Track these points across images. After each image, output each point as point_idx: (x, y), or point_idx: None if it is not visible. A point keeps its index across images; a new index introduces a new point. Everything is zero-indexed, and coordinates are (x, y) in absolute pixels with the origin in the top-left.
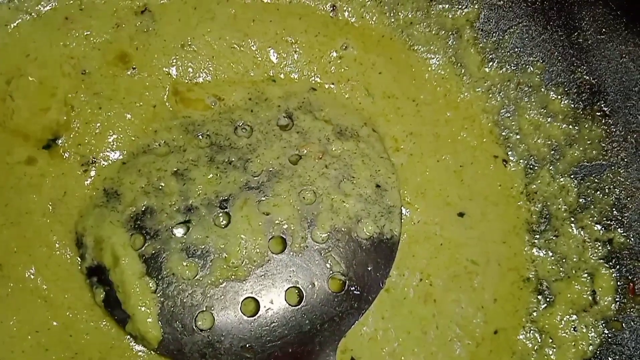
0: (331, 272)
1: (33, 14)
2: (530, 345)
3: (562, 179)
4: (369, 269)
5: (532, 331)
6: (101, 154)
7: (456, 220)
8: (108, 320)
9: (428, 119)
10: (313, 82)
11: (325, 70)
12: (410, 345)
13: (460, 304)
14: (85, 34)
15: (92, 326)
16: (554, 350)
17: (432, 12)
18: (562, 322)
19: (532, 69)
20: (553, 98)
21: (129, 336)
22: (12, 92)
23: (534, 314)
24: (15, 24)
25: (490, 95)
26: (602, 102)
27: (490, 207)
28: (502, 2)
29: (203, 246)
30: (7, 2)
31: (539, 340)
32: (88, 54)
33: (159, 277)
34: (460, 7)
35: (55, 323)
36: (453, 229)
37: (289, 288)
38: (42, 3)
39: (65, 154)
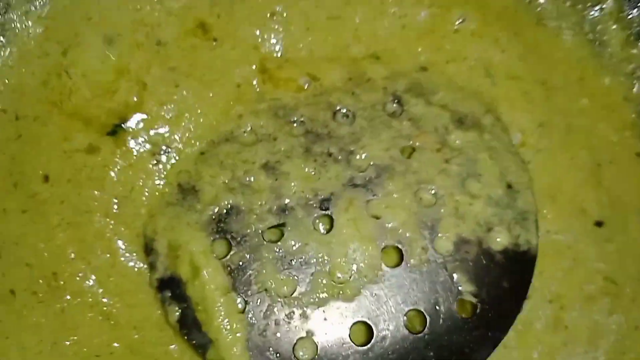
0: (459, 292)
1: None
2: None
3: None
4: (504, 288)
5: None
6: (176, 142)
7: (593, 231)
8: (183, 344)
9: (560, 107)
10: (424, 60)
11: (439, 46)
12: None
13: (597, 332)
14: None
15: (161, 350)
16: None
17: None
18: None
19: None
20: None
21: None
22: (69, 67)
23: None
24: None
25: (635, 81)
26: None
27: (633, 216)
28: None
29: (301, 256)
30: None
31: None
32: (163, 21)
33: (248, 293)
34: None
35: (117, 345)
36: (589, 242)
37: (408, 311)
38: None
39: (134, 142)
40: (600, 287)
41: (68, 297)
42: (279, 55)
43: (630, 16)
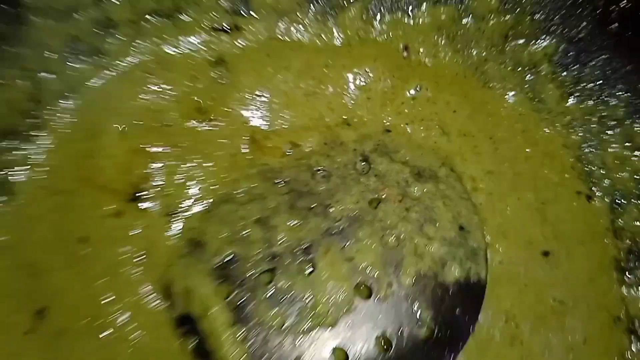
0: (419, 318)
1: (114, 70)
2: None
3: None
4: (457, 313)
5: None
6: (184, 205)
7: (540, 260)
8: None
9: (506, 157)
10: (387, 123)
11: (399, 111)
12: None
13: (549, 345)
14: (164, 87)
15: None
16: None
17: (507, 48)
18: None
19: (615, 101)
20: (637, 130)
21: None
22: (95, 150)
23: (627, 354)
24: (98, 82)
25: (571, 130)
26: None
27: (575, 246)
28: (582, 35)
29: (289, 294)
30: (90, 61)
31: None
32: (167, 107)
33: (248, 326)
34: (537, 42)
35: None
36: (537, 269)
37: (377, 336)
38: (122, 59)
39: (150, 206)
40: (550, 307)
41: (108, 332)
42: (265, 128)
43: (562, 77)
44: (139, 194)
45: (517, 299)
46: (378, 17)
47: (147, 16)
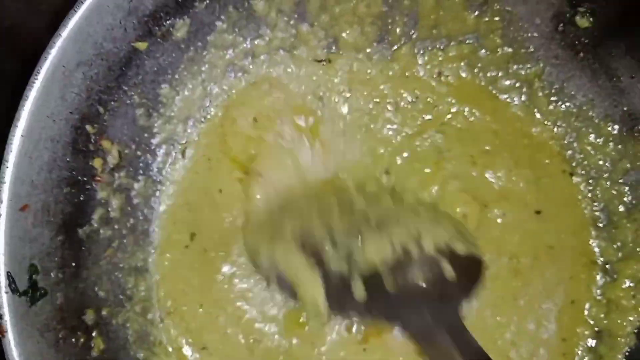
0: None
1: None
2: (600, 312)
3: (616, 186)
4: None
5: (600, 301)
6: None
7: (534, 216)
8: None
9: (509, 146)
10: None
11: None
12: (506, 309)
13: (544, 277)
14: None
15: None
16: (619, 314)
17: (510, 70)
18: (623, 292)
19: (586, 107)
20: (603, 126)
21: None
22: (234, 132)
23: (601, 288)
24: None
25: (557, 126)
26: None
27: (561, 207)
28: (559, 61)
29: None
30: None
31: (606, 308)
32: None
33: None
34: (530, 65)
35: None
36: (532, 223)
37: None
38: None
39: None
40: (543, 250)
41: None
42: None
43: (547, 91)
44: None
45: (518, 244)
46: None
47: None
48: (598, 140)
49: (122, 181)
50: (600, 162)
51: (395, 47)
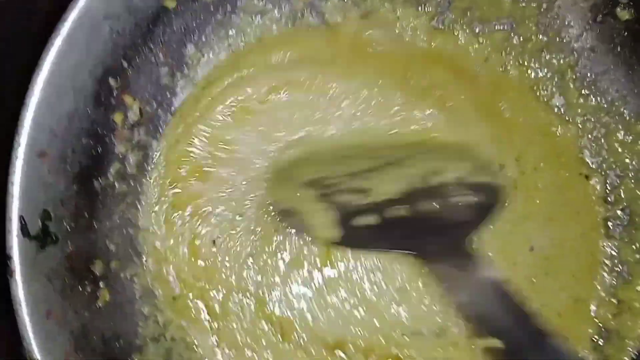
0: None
1: None
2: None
3: None
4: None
5: (611, 301)
6: None
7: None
8: None
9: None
10: None
11: None
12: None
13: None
14: None
15: None
16: (630, 316)
17: (543, 60)
18: (637, 294)
19: (618, 102)
20: (634, 123)
21: None
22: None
23: (611, 289)
24: None
25: (586, 120)
26: None
27: (572, 208)
28: (595, 53)
29: None
30: None
31: (617, 309)
32: None
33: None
34: (564, 56)
35: None
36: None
37: None
38: None
39: None
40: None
41: None
42: None
43: (579, 83)
44: None
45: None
46: None
47: None
48: (627, 137)
49: (142, 138)
50: (627, 160)
51: None
